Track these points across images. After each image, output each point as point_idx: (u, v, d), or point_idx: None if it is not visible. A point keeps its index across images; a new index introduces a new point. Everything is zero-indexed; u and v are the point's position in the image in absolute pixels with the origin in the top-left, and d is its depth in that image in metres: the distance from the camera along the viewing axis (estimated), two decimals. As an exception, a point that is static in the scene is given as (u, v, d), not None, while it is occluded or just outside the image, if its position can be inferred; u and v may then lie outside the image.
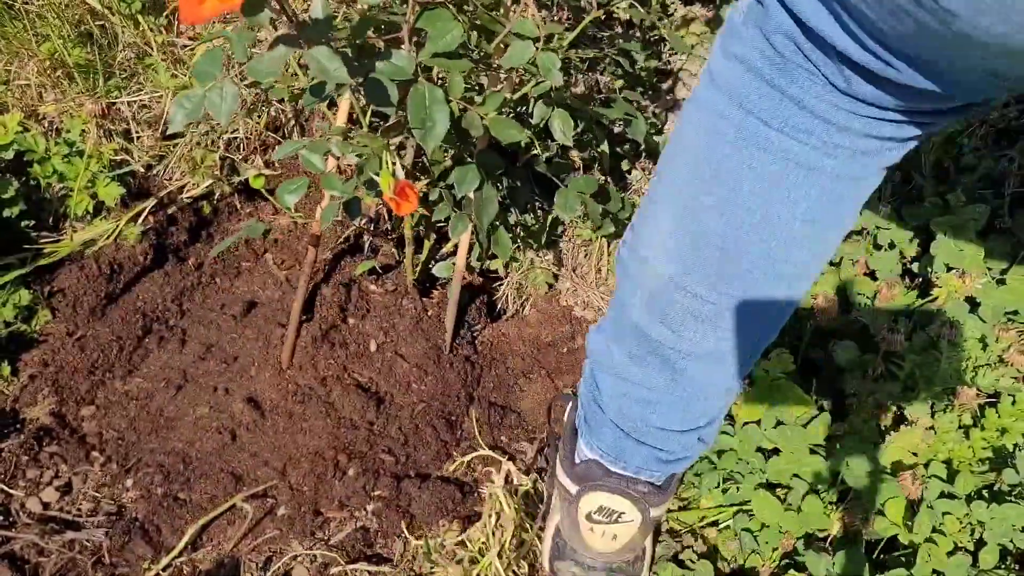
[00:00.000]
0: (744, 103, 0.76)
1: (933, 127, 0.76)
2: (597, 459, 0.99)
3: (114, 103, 1.48)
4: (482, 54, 1.02)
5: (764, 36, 0.73)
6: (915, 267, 1.20)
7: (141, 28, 1.53)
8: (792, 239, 0.81)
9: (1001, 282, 1.13)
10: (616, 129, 1.43)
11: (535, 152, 1.27)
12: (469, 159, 1.10)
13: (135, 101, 1.49)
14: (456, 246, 1.31)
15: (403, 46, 0.90)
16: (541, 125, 1.14)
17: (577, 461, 1.03)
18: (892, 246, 1.20)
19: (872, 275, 1.21)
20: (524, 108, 1.20)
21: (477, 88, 1.15)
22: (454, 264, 1.30)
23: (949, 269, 1.16)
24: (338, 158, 1.02)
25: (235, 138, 1.51)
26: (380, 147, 0.94)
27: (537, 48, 0.94)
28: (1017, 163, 1.27)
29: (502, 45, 0.98)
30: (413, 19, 0.88)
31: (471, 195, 1.11)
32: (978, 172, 1.28)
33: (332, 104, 1.33)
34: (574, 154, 1.37)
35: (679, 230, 0.83)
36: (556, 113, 1.09)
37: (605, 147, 1.30)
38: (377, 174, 0.94)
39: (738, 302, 0.84)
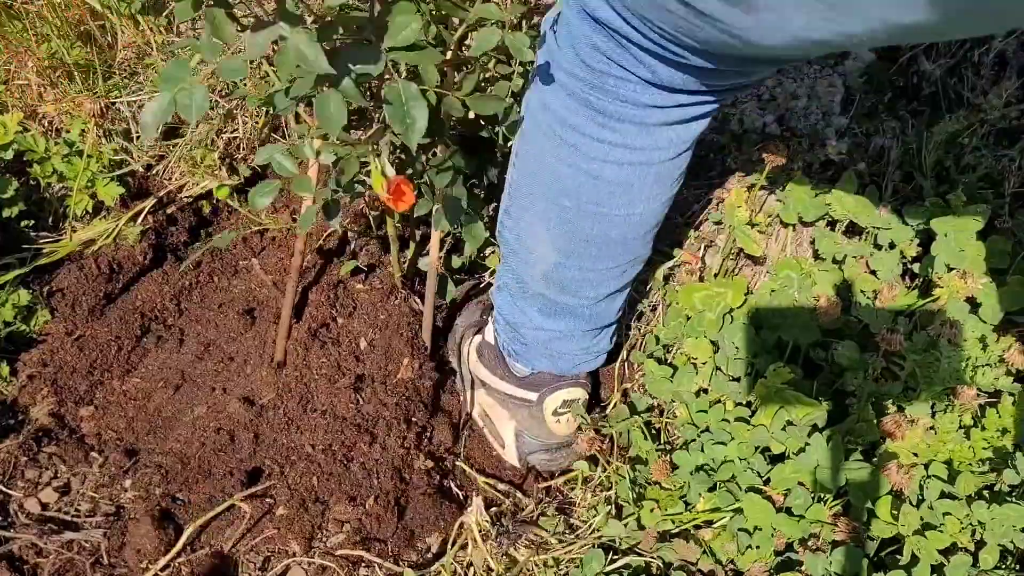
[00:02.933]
0: (572, 124, 0.93)
1: (730, 95, 0.97)
2: (543, 370, 1.18)
3: (114, 103, 1.48)
4: (441, 43, 1.00)
5: (576, 53, 0.88)
6: (916, 267, 1.20)
7: (141, 28, 1.53)
8: (640, 219, 1.01)
9: (1002, 282, 1.13)
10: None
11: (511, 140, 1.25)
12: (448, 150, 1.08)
13: (135, 101, 1.49)
14: (442, 241, 1.29)
15: (372, 43, 0.86)
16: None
17: (522, 376, 1.20)
18: (892, 246, 1.20)
19: (873, 275, 1.21)
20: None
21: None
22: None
23: (950, 269, 1.16)
24: (318, 160, 1.00)
25: (235, 138, 1.51)
26: (364, 151, 0.93)
27: (503, 32, 0.93)
28: (1017, 163, 1.27)
29: (464, 33, 0.97)
30: (379, 14, 0.84)
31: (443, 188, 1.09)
32: (978, 172, 1.28)
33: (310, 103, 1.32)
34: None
35: (552, 231, 1.03)
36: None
37: None
38: (356, 176, 0.95)
39: (614, 265, 1.07)
